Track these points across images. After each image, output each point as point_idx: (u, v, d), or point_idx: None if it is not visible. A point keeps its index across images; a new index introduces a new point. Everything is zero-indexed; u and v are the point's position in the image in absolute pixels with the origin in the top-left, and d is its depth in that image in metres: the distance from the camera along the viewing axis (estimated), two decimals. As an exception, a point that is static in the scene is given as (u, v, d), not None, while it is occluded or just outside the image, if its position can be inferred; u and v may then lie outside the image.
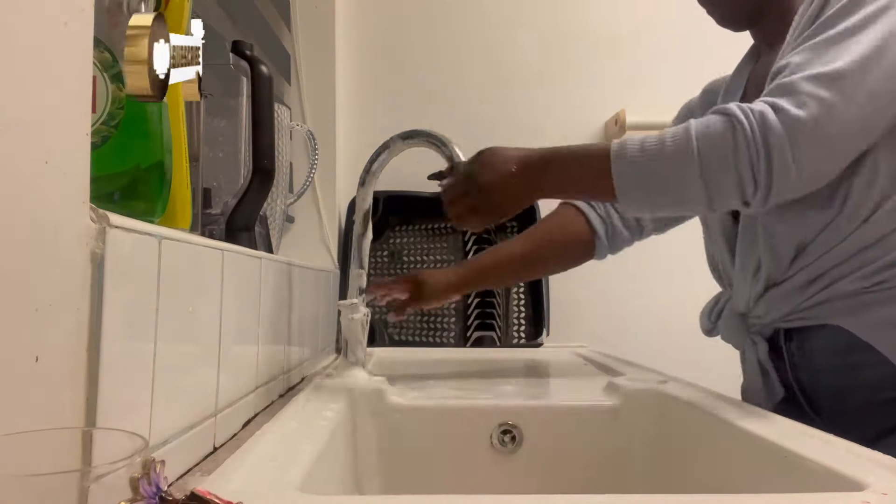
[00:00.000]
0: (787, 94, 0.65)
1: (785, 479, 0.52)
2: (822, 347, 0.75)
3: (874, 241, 0.70)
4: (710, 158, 0.65)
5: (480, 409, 0.80)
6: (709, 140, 0.65)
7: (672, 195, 0.69)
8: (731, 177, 0.65)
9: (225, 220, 0.83)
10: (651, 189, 0.69)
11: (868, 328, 0.71)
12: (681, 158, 0.66)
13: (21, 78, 0.33)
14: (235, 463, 0.48)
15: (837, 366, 0.74)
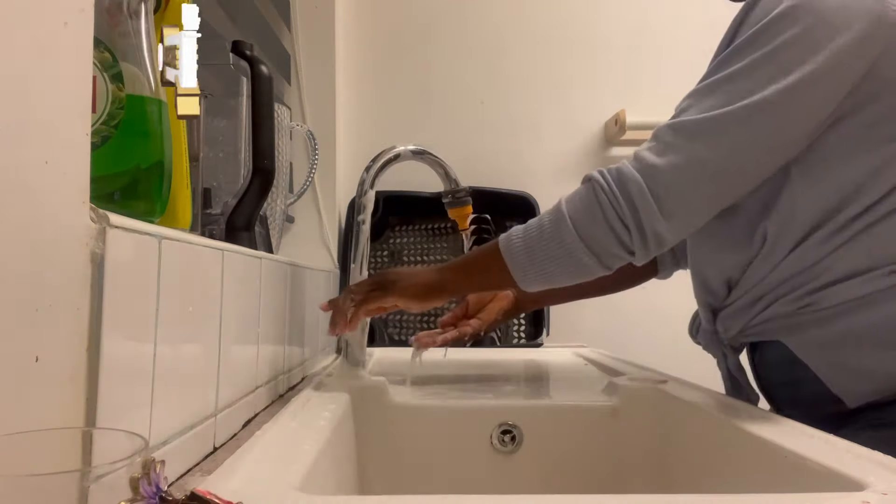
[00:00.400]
0: (651, 142, 0.70)
1: (785, 479, 0.52)
2: (775, 361, 0.79)
3: (802, 270, 0.73)
4: (580, 219, 0.70)
5: (480, 409, 0.80)
6: (575, 204, 0.71)
7: (563, 263, 0.72)
8: (604, 229, 0.69)
9: (225, 220, 0.83)
10: (542, 264, 0.73)
11: (802, 347, 0.74)
12: (557, 228, 0.71)
13: (21, 78, 0.33)
14: (235, 463, 0.48)
15: (788, 379, 0.78)
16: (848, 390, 0.71)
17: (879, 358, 0.70)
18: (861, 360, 0.71)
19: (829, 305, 0.71)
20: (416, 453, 0.79)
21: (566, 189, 1.74)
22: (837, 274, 0.71)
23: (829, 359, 0.72)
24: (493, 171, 1.64)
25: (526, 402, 0.82)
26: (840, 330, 0.71)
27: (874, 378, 0.70)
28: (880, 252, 0.70)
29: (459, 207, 0.93)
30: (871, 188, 0.70)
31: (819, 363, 0.73)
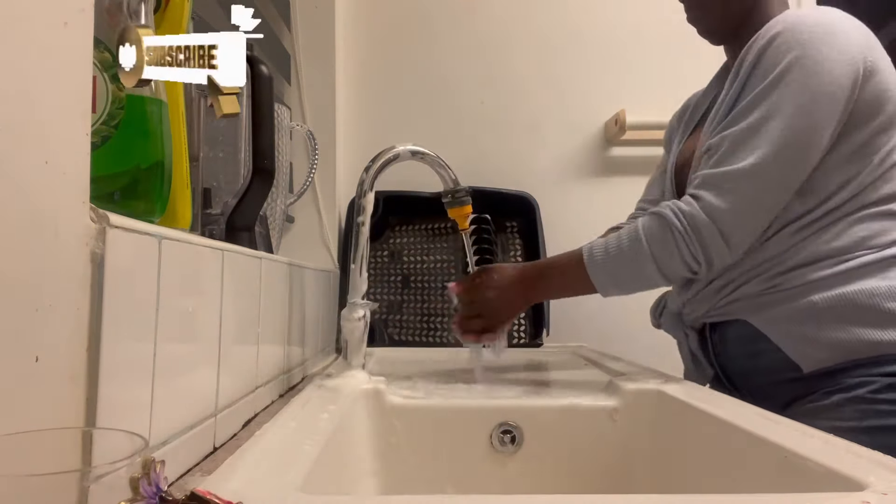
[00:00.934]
0: (711, 188, 0.84)
1: (785, 479, 0.52)
2: (734, 338, 0.94)
3: (773, 255, 0.88)
4: (660, 256, 0.86)
5: (480, 409, 0.80)
6: (655, 242, 0.86)
7: (641, 283, 0.90)
8: (679, 262, 0.86)
9: (225, 220, 0.83)
10: (623, 283, 0.90)
11: (765, 322, 0.88)
12: (639, 258, 0.86)
13: (21, 78, 0.33)
14: (235, 463, 0.48)
15: (745, 353, 0.92)
16: (806, 357, 0.85)
17: (833, 330, 0.83)
18: (820, 332, 0.84)
19: (795, 285, 0.86)
20: (416, 453, 0.79)
21: (566, 189, 1.74)
22: (801, 259, 0.86)
23: (791, 331, 0.86)
24: (493, 171, 1.64)
25: (526, 402, 0.82)
26: (803, 306, 0.85)
27: (831, 347, 0.83)
28: (837, 244, 0.85)
29: (459, 207, 0.95)
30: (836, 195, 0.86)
31: (781, 335, 0.87)
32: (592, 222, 1.66)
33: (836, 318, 0.83)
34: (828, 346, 0.83)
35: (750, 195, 0.83)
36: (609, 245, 0.89)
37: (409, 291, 1.56)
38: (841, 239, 0.85)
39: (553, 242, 1.58)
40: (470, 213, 0.96)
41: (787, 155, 0.83)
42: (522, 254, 1.59)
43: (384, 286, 1.57)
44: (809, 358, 0.85)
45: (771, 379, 0.89)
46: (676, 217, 0.84)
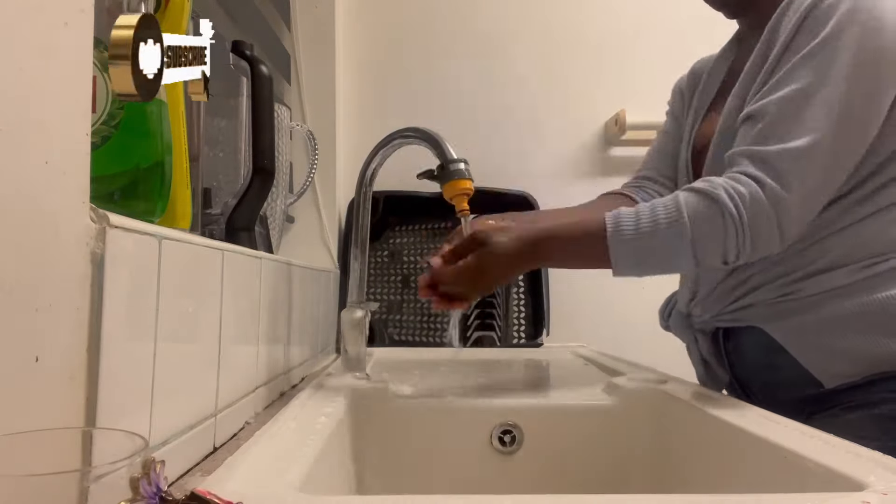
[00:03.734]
0: (770, 170, 0.71)
1: (785, 479, 0.52)
2: (751, 346, 0.85)
3: (792, 254, 0.78)
4: (702, 243, 0.71)
5: (480, 409, 0.80)
6: (701, 227, 0.71)
7: (663, 268, 0.77)
8: (720, 252, 0.72)
9: (225, 220, 0.83)
10: (645, 265, 0.75)
11: (783, 333, 0.80)
12: (676, 241, 0.72)
13: (21, 78, 0.33)
14: (235, 463, 0.48)
15: (763, 364, 0.84)
16: (826, 372, 0.77)
17: (858, 341, 0.75)
18: (841, 344, 0.76)
19: (813, 293, 0.77)
20: (416, 453, 0.79)
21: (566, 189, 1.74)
22: (821, 265, 0.77)
23: (810, 343, 0.78)
24: (493, 171, 1.64)
25: (526, 402, 0.82)
26: (823, 316, 0.77)
27: (853, 360, 0.76)
28: (860, 247, 0.77)
29: (455, 181, 0.77)
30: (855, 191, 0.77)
31: (799, 348, 0.78)
32: (592, 222, 1.67)
33: (860, 329, 0.75)
34: (853, 359, 0.76)
35: (815, 181, 0.72)
36: (641, 220, 0.73)
37: (409, 291, 1.56)
38: (874, 240, 0.77)
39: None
40: (470, 191, 0.78)
41: (847, 128, 0.72)
42: (522, 254, 1.59)
43: (384, 286, 1.57)
44: (830, 373, 0.77)
45: (790, 394, 0.81)
46: (733, 202, 0.71)
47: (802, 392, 0.79)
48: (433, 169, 0.80)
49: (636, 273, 0.76)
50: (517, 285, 1.58)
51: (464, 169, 0.77)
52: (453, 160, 0.78)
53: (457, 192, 0.77)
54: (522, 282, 1.58)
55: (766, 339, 0.81)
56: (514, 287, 1.58)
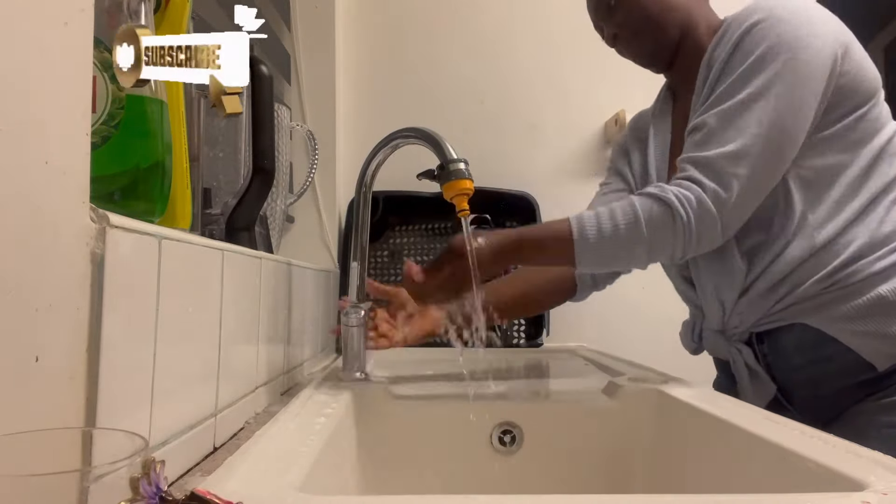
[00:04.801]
0: (710, 173, 0.80)
1: (785, 479, 0.52)
2: (794, 345, 0.87)
3: (818, 248, 0.83)
4: (656, 242, 0.81)
5: (480, 409, 0.80)
6: (656, 231, 0.80)
7: (621, 264, 0.89)
8: (669, 250, 0.82)
9: (225, 220, 0.83)
10: (605, 263, 0.87)
11: (831, 323, 0.83)
12: (634, 243, 0.81)
13: (21, 78, 0.33)
14: (235, 463, 0.48)
15: (809, 359, 0.86)
16: (879, 354, 0.80)
17: None
18: (890, 326, 0.80)
19: (855, 281, 0.81)
20: (416, 453, 0.79)
21: (566, 189, 1.74)
22: (856, 250, 0.82)
23: (858, 329, 0.81)
24: (493, 171, 1.63)
25: (526, 402, 0.82)
26: (869, 301, 0.80)
27: None
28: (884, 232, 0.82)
29: (454, 181, 0.77)
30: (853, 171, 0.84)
31: (849, 335, 0.82)
32: (592, 222, 1.67)
33: None
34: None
35: (749, 181, 0.80)
36: (602, 224, 0.82)
37: (409, 291, 1.55)
38: (888, 223, 0.82)
39: (553, 242, 1.57)
40: (470, 191, 0.77)
41: (776, 136, 0.81)
42: (522, 254, 1.58)
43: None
44: (883, 354, 0.81)
45: (840, 384, 0.84)
46: (683, 207, 0.79)
47: (855, 379, 0.83)
48: (433, 169, 0.80)
49: (596, 269, 0.94)
50: (517, 285, 1.58)
51: (463, 169, 0.77)
52: (453, 160, 0.78)
53: (456, 192, 0.77)
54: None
55: (811, 333, 0.84)
56: (514, 287, 1.58)
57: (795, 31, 0.82)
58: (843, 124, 0.84)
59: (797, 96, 0.81)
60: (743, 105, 0.81)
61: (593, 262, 0.84)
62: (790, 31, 0.82)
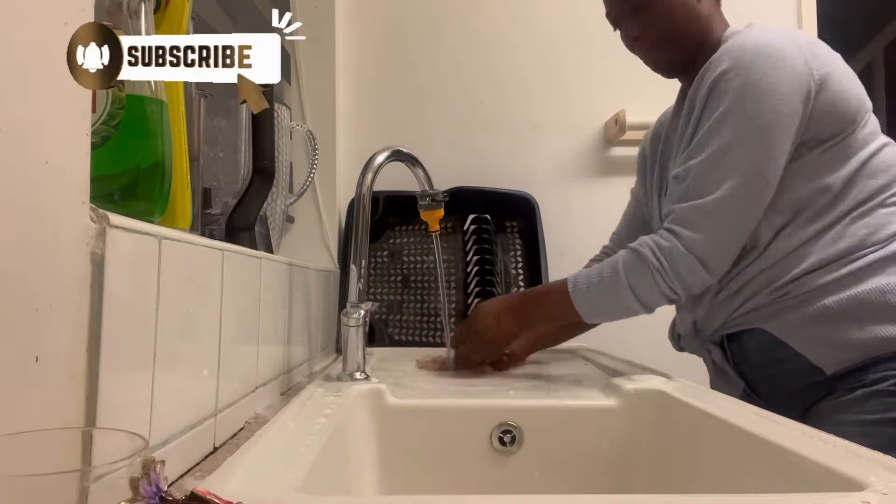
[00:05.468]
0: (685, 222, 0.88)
1: (785, 479, 0.52)
2: (754, 347, 0.95)
3: (774, 263, 0.90)
4: (639, 288, 0.89)
5: (480, 409, 0.80)
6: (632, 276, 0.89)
7: (621, 311, 0.94)
8: (658, 294, 0.90)
9: (225, 220, 0.83)
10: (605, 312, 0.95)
11: (783, 329, 0.90)
12: (618, 290, 0.90)
13: (21, 78, 0.33)
14: (235, 463, 0.48)
15: (767, 361, 0.93)
16: (826, 359, 0.87)
17: (851, 330, 0.85)
18: (836, 334, 0.86)
19: (806, 291, 0.88)
20: (416, 453, 0.79)
21: (566, 189, 1.74)
22: (804, 267, 0.88)
23: (808, 335, 0.88)
24: (493, 171, 1.64)
25: (526, 402, 0.82)
26: (815, 310, 0.87)
27: (849, 347, 0.85)
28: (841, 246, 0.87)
29: (434, 210, 1.00)
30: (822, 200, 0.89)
31: (799, 340, 0.88)
32: (592, 222, 1.66)
33: (851, 318, 0.85)
34: (846, 346, 0.85)
35: (721, 226, 0.87)
36: (591, 277, 0.93)
37: (409, 291, 1.56)
38: (843, 240, 0.87)
39: (553, 242, 1.58)
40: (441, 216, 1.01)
41: (749, 183, 0.86)
42: (522, 254, 1.59)
43: (384, 286, 1.57)
44: (830, 360, 0.86)
45: (795, 384, 0.90)
46: (654, 254, 0.88)
47: (806, 380, 0.89)
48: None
49: (602, 318, 0.98)
50: (517, 285, 1.58)
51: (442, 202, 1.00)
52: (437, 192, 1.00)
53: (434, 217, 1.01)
54: (522, 282, 1.58)
55: (767, 337, 0.91)
56: (514, 287, 1.58)
57: (760, 79, 0.85)
58: (818, 151, 0.89)
59: (767, 143, 0.86)
60: (716, 158, 0.87)
61: (593, 312, 0.94)
62: (756, 80, 0.85)
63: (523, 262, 1.57)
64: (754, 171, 0.86)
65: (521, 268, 1.57)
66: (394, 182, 1.33)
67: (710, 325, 0.99)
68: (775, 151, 0.86)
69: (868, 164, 0.89)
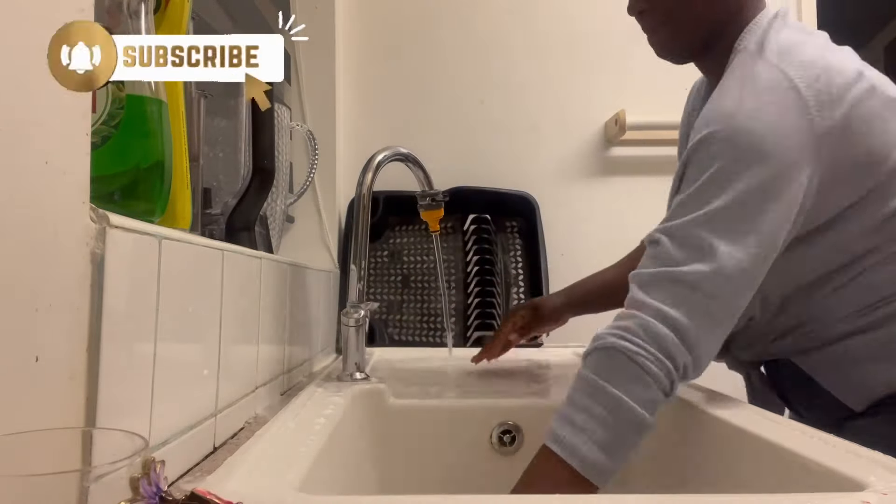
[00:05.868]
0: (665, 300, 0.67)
1: (785, 479, 0.52)
2: (790, 375, 0.92)
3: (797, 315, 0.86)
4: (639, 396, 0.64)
5: (480, 409, 0.80)
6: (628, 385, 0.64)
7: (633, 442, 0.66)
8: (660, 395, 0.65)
9: (225, 220, 0.83)
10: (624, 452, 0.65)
11: (811, 366, 0.88)
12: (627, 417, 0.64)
13: (21, 78, 0.33)
14: (235, 463, 0.48)
15: (804, 390, 0.91)
16: (851, 397, 0.85)
17: (871, 371, 0.84)
18: (857, 374, 0.84)
19: (827, 337, 0.85)
20: (416, 453, 0.79)
21: (566, 189, 1.74)
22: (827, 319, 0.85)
23: (833, 374, 0.86)
24: (493, 171, 1.64)
25: (526, 402, 0.82)
26: (838, 352, 0.85)
27: (870, 386, 0.84)
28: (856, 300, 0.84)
29: (434, 210, 1.01)
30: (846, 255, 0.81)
31: (826, 378, 0.87)
32: (592, 222, 1.67)
33: (874, 359, 0.82)
34: (870, 385, 0.83)
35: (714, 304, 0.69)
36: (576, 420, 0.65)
37: (409, 291, 1.56)
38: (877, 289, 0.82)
39: (553, 242, 1.58)
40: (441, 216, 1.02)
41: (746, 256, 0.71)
42: (522, 254, 1.59)
43: (384, 286, 1.57)
44: (856, 398, 0.84)
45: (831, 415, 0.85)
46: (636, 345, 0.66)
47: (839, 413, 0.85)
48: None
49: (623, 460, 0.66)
50: (517, 285, 1.58)
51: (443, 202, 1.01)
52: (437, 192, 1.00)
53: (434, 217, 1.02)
54: (522, 281, 1.58)
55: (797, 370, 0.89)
56: (514, 287, 1.58)
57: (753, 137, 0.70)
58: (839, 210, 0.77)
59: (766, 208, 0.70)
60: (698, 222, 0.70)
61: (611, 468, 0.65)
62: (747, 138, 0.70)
63: (523, 262, 1.57)
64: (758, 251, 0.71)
65: (521, 268, 1.57)
66: (394, 182, 1.33)
67: (744, 352, 0.95)
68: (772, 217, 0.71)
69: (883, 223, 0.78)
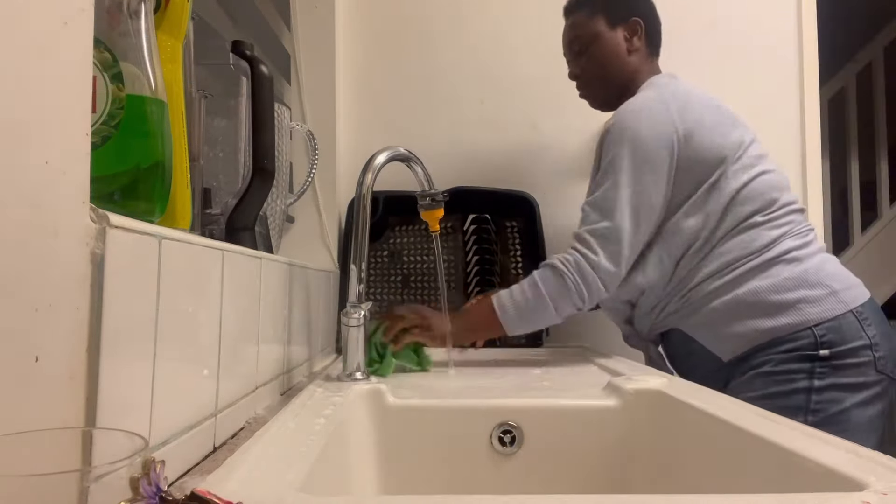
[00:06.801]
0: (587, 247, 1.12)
1: (785, 479, 0.52)
2: (675, 342, 1.21)
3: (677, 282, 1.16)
4: (558, 301, 1.12)
5: (480, 409, 0.80)
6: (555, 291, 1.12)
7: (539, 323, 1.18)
8: (571, 306, 1.14)
9: (225, 220, 0.83)
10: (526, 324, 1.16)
11: (690, 328, 1.16)
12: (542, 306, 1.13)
13: (21, 78, 0.33)
14: (235, 463, 0.48)
15: (685, 353, 1.19)
16: (722, 350, 1.13)
17: (736, 326, 1.11)
18: (726, 330, 1.11)
19: (698, 298, 1.14)
20: (416, 454, 0.79)
21: (566, 189, 1.74)
22: (697, 279, 1.14)
23: (707, 332, 1.14)
24: (493, 171, 1.64)
25: (526, 402, 0.82)
26: (709, 312, 1.13)
27: (736, 339, 1.11)
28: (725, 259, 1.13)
29: (434, 210, 1.05)
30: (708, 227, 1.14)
31: (702, 336, 1.15)
32: (592, 222, 1.66)
33: (735, 316, 1.11)
34: (734, 338, 1.11)
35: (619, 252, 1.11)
36: (516, 300, 1.13)
37: (409, 291, 1.56)
38: (726, 254, 1.12)
39: (553, 242, 1.57)
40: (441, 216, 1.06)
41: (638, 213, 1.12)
42: (522, 254, 1.59)
43: (384, 286, 1.57)
44: (724, 350, 1.12)
45: (705, 370, 1.13)
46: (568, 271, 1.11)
47: (712, 367, 1.13)
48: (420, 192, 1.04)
49: (522, 329, 1.17)
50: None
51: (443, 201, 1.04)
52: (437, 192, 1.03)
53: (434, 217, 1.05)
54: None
55: (682, 334, 1.17)
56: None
57: (636, 132, 1.13)
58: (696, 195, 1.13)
59: (645, 180, 1.12)
60: (608, 192, 1.13)
61: (516, 326, 1.15)
62: (632, 132, 1.13)
63: (523, 262, 1.57)
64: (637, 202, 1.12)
65: (520, 268, 1.57)
66: (394, 182, 1.33)
67: (642, 330, 1.25)
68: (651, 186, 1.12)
69: (740, 194, 1.13)
